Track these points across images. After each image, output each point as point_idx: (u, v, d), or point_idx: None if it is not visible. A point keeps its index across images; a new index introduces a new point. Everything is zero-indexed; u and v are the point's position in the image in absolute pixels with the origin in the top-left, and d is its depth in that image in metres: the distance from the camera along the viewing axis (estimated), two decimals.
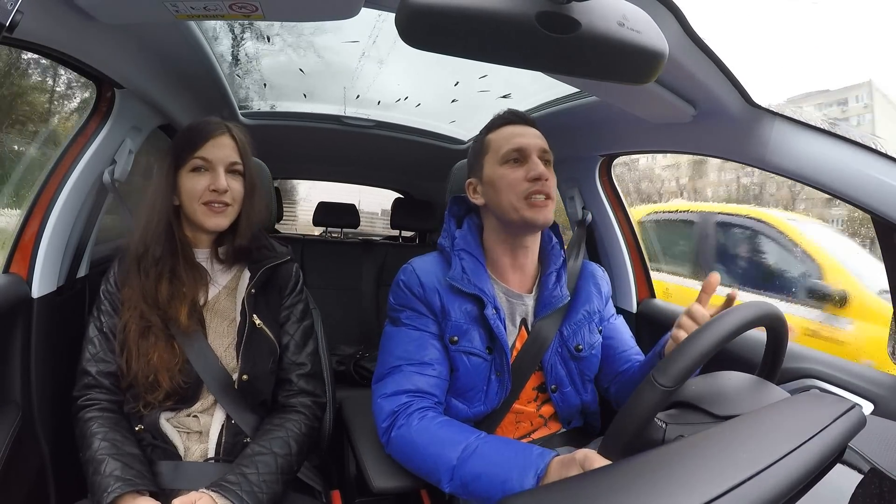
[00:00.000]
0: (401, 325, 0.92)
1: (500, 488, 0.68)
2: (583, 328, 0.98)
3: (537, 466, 0.67)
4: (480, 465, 0.72)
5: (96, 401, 0.88)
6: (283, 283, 1.00)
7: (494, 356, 0.91)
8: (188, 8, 0.71)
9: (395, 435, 0.82)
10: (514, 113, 0.97)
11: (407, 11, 0.47)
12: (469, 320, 0.90)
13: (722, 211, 2.86)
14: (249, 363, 0.91)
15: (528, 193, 0.88)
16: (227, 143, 0.93)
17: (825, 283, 2.12)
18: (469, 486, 0.72)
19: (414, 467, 0.81)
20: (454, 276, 0.91)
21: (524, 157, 0.90)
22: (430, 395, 0.86)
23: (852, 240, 2.50)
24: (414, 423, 0.81)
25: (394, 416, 0.83)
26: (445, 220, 1.01)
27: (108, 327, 0.91)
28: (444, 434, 0.78)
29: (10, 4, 0.51)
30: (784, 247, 2.38)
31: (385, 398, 0.86)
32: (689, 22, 0.73)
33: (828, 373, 0.97)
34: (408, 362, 0.88)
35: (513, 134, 0.93)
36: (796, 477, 0.43)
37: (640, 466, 0.44)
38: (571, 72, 0.59)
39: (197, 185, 0.90)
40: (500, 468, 0.70)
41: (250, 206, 0.95)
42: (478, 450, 0.74)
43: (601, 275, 1.08)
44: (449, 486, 0.74)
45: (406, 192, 2.80)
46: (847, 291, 2.03)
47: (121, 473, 0.77)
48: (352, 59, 1.52)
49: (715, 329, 0.57)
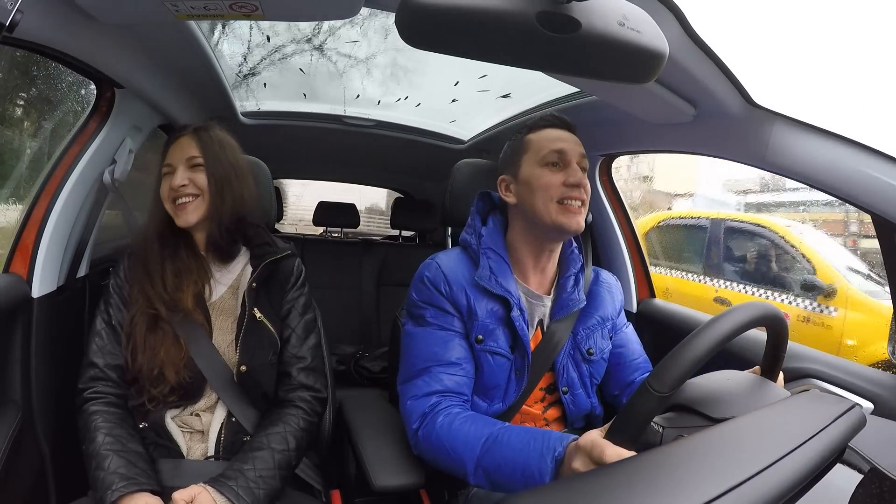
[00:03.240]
0: (425, 325, 0.91)
1: (520, 474, 0.68)
2: (595, 333, 0.99)
3: (555, 450, 0.66)
4: (501, 454, 0.72)
5: (102, 394, 0.89)
6: (285, 278, 1.01)
7: (516, 356, 0.91)
8: (188, 8, 0.71)
9: (423, 434, 0.82)
10: (558, 116, 0.97)
11: (407, 11, 0.47)
12: (495, 320, 0.91)
13: (729, 217, 3.29)
14: (248, 354, 0.91)
15: (563, 197, 0.88)
16: (186, 143, 0.97)
17: (818, 278, 2.55)
18: (491, 476, 0.73)
19: (441, 464, 0.81)
20: (482, 276, 0.90)
21: (564, 162, 0.90)
22: (459, 395, 0.87)
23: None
24: (439, 419, 0.81)
25: (424, 417, 0.84)
26: (471, 216, 1.00)
27: (117, 320, 0.93)
28: (469, 428, 0.79)
29: (10, 4, 0.51)
30: (782, 249, 2.76)
31: (415, 400, 0.86)
32: (689, 22, 0.73)
33: (828, 373, 0.97)
34: (436, 363, 0.87)
35: (556, 137, 0.93)
36: (796, 477, 0.43)
37: (640, 466, 0.44)
38: (571, 72, 0.59)
39: (165, 188, 0.95)
40: (520, 454, 0.70)
41: (219, 195, 0.96)
42: (499, 439, 0.74)
43: (614, 283, 1.09)
44: (473, 478, 0.75)
45: (406, 192, 2.80)
46: (836, 286, 2.45)
47: (125, 471, 0.78)
48: (352, 58, 1.52)
49: (710, 332, 0.56)
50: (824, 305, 2.52)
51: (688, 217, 3.79)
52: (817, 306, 2.55)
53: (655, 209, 4.99)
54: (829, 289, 2.50)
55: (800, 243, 2.78)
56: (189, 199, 0.94)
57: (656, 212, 4.66)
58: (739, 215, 3.40)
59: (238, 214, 0.98)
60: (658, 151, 1.30)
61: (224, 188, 0.96)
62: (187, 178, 0.94)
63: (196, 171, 0.95)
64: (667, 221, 3.88)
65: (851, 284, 2.45)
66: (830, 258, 2.65)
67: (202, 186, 0.95)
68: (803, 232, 2.93)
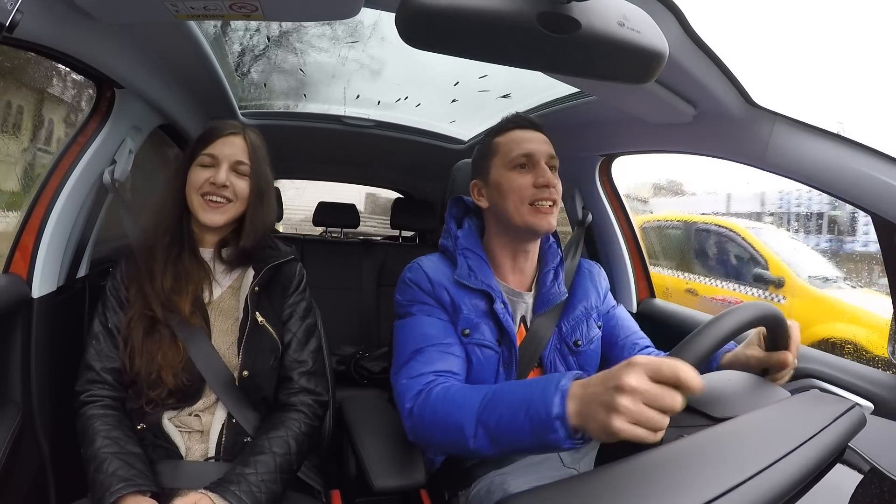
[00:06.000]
0: (413, 315, 0.91)
1: (523, 416, 0.60)
2: (581, 324, 0.99)
3: (558, 381, 0.59)
4: (500, 405, 0.66)
5: (99, 397, 0.88)
6: (287, 282, 1.01)
7: (503, 349, 0.91)
8: (188, 8, 0.71)
9: (417, 411, 0.76)
10: (523, 117, 0.97)
11: (407, 11, 0.47)
12: (479, 314, 0.91)
13: (699, 220, 3.92)
14: (250, 359, 0.91)
15: (534, 199, 0.89)
16: (237, 143, 0.95)
17: (769, 271, 3.15)
18: (493, 433, 0.66)
19: (438, 436, 0.74)
20: (461, 273, 0.91)
21: (532, 164, 0.91)
22: (455, 374, 0.83)
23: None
24: (435, 390, 0.76)
25: (419, 395, 0.78)
26: (446, 222, 1.02)
27: (113, 323, 0.92)
28: (467, 392, 0.73)
29: (10, 4, 0.51)
30: (741, 246, 3.41)
31: (410, 379, 0.81)
32: (689, 22, 0.73)
33: (828, 373, 0.97)
34: (429, 344, 0.85)
35: (522, 139, 0.93)
36: (796, 477, 0.43)
37: (640, 467, 0.44)
38: (571, 72, 0.59)
39: (199, 178, 0.93)
40: (522, 397, 0.63)
41: (257, 209, 0.96)
42: (498, 392, 0.68)
43: (598, 271, 1.09)
44: (473, 441, 0.67)
45: (406, 192, 2.80)
46: (783, 278, 3.06)
47: (123, 473, 0.77)
48: (352, 59, 1.52)
49: (712, 331, 0.57)
50: (774, 294, 3.06)
51: (664, 220, 4.34)
52: (769, 294, 3.09)
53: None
54: (778, 280, 3.06)
55: (755, 241, 3.35)
56: (223, 201, 0.93)
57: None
58: (707, 218, 3.93)
59: (268, 228, 0.99)
60: (658, 151, 1.30)
61: (262, 201, 0.96)
62: (229, 179, 0.92)
63: (240, 177, 0.94)
64: (649, 224, 4.29)
65: (798, 276, 3.05)
66: (782, 254, 3.22)
67: (240, 194, 0.94)
68: (760, 231, 3.54)
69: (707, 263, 3.76)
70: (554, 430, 0.57)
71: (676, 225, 4.12)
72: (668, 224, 4.24)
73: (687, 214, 4.17)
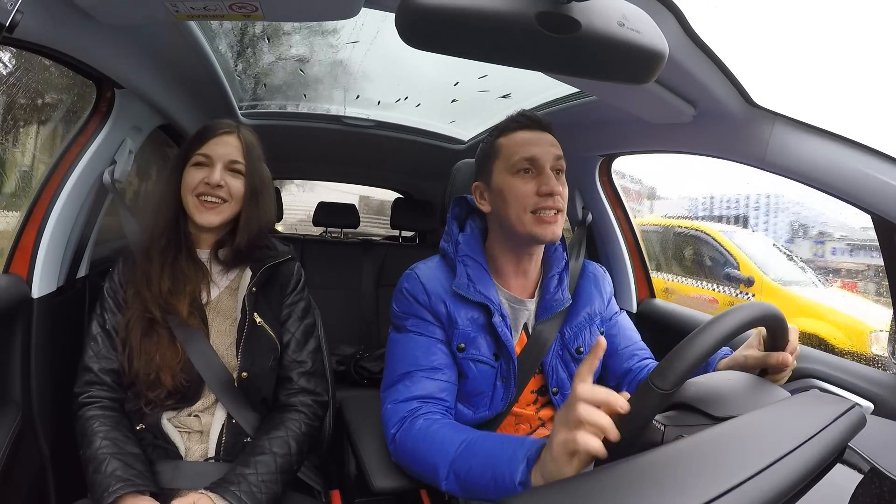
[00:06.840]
0: (406, 332, 0.90)
1: (490, 474, 0.65)
2: (584, 330, 0.97)
3: (528, 448, 0.63)
4: (474, 456, 0.69)
5: (98, 398, 0.88)
6: (285, 282, 1.00)
7: (501, 363, 0.90)
8: (188, 8, 0.71)
9: (400, 439, 0.80)
10: (529, 116, 0.92)
11: (407, 12, 0.47)
12: (476, 328, 0.89)
13: (677, 224, 4.32)
14: (249, 360, 0.91)
15: (538, 207, 0.85)
16: (231, 142, 0.94)
17: (739, 272, 3.45)
18: (463, 480, 0.70)
19: (416, 468, 0.79)
20: (460, 284, 0.88)
21: (536, 169, 0.86)
22: (441, 400, 0.85)
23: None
24: (418, 423, 0.80)
25: (403, 421, 0.81)
26: (448, 223, 0.99)
27: (111, 325, 0.92)
28: (446, 433, 0.77)
29: (10, 4, 0.51)
30: (715, 248, 3.72)
31: (395, 404, 0.84)
32: (689, 22, 0.73)
33: (828, 373, 0.97)
34: (417, 368, 0.86)
35: (526, 141, 0.88)
36: (796, 477, 0.43)
37: (640, 467, 0.44)
38: (571, 72, 0.59)
39: (193, 178, 0.92)
40: (492, 455, 0.67)
41: (252, 208, 0.95)
42: (474, 442, 0.72)
43: (602, 275, 1.06)
44: (445, 483, 0.72)
45: (406, 192, 2.80)
46: (753, 277, 3.35)
47: (122, 473, 0.77)
48: (352, 59, 1.52)
49: (712, 331, 0.57)
50: (744, 292, 3.36)
51: (647, 224, 4.64)
52: (739, 293, 3.40)
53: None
54: (748, 280, 3.35)
55: (727, 243, 3.64)
56: (218, 202, 0.92)
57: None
58: (684, 222, 4.25)
59: (265, 228, 0.98)
60: (658, 152, 1.30)
61: (258, 200, 0.96)
62: (223, 179, 0.92)
63: (234, 177, 0.94)
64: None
65: (766, 276, 3.34)
66: (753, 255, 3.50)
67: (235, 194, 0.94)
68: (733, 234, 3.83)
69: (683, 264, 4.11)
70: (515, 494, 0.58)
71: (656, 229, 4.48)
72: (648, 228, 4.53)
73: (665, 219, 4.60)
